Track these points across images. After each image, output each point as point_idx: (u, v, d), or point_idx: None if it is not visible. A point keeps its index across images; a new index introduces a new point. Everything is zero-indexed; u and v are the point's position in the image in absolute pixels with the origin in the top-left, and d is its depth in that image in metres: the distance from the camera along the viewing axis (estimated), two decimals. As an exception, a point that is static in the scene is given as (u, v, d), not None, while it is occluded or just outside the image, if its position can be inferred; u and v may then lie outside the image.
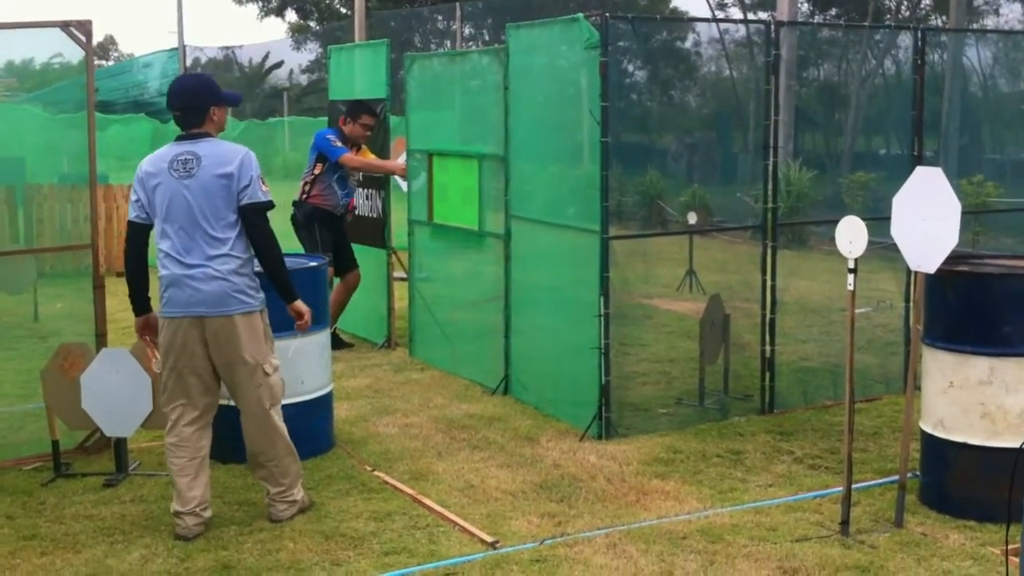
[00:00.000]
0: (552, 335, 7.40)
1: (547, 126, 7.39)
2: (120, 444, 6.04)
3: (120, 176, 14.68)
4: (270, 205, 5.22)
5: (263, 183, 5.19)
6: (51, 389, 6.07)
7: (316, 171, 8.93)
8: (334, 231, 9.05)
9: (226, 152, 5.15)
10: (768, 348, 7.30)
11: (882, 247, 7.00)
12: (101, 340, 6.50)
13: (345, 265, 9.13)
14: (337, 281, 9.07)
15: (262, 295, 5.32)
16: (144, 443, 6.54)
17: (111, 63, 52.01)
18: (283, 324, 6.20)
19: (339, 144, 8.87)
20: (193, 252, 5.12)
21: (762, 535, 5.19)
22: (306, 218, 8.92)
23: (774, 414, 7.21)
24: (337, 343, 8.77)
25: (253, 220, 5.16)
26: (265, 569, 4.84)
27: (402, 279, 9.52)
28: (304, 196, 8.97)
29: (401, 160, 9.10)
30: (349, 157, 8.88)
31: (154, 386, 5.91)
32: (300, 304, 5.46)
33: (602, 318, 6.65)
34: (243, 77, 36.05)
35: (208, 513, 5.26)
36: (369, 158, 9.14)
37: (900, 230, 5.27)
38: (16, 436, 6.68)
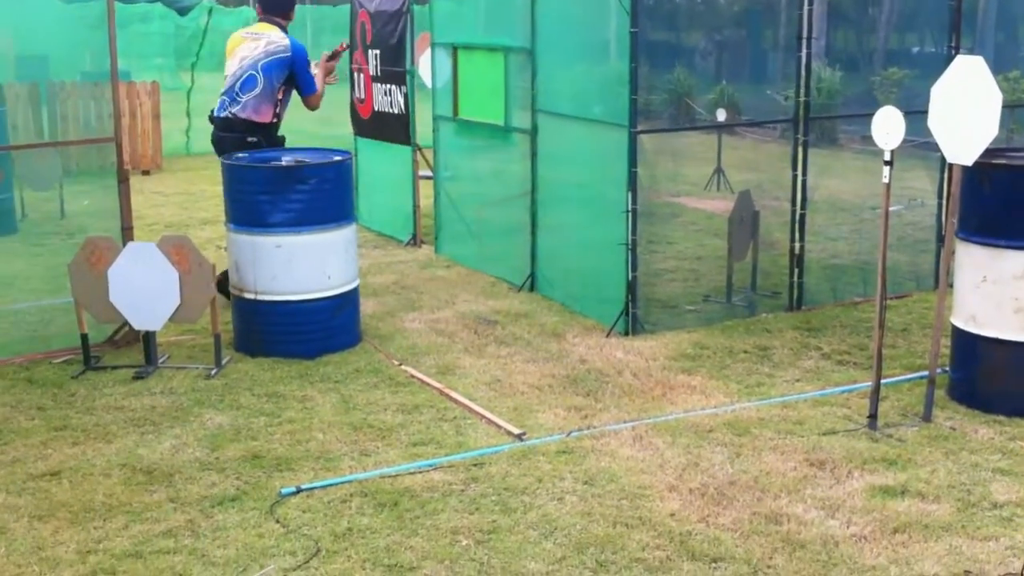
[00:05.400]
0: (579, 232, 7.34)
1: (575, 19, 7.23)
2: (149, 337, 6.08)
3: (141, 73, 14.57)
4: None
5: None
6: (79, 282, 6.08)
7: (280, 93, 7.07)
8: None
9: None
10: (798, 245, 7.23)
11: (914, 145, 6.86)
12: (127, 234, 6.50)
13: None
14: None
15: None
16: (172, 336, 6.57)
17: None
18: (288, 220, 6.19)
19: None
20: None
21: (789, 428, 5.19)
22: (280, 145, 7.11)
23: (802, 311, 7.17)
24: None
25: None
26: (295, 459, 4.89)
27: (427, 177, 9.44)
28: (274, 119, 7.08)
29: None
30: (320, 95, 7.26)
31: (182, 280, 5.93)
32: None
33: (629, 214, 6.58)
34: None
35: None
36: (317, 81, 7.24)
37: (938, 121, 5.14)
38: (46, 330, 6.73)
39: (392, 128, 9.34)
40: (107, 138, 6.64)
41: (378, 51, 9.33)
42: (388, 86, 9.31)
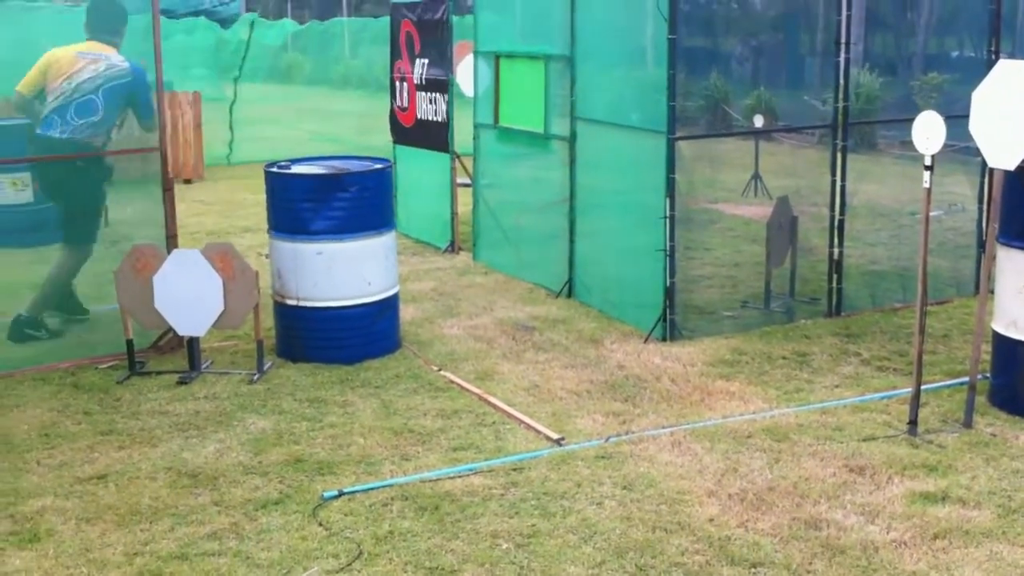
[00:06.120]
0: (617, 238, 7.37)
1: (614, 26, 7.26)
2: (193, 343, 6.17)
3: (183, 84, 14.74)
4: None
5: None
6: (124, 289, 6.18)
7: (120, 121, 6.89)
8: None
9: None
10: (836, 250, 7.21)
11: (954, 149, 6.82)
12: (171, 242, 6.60)
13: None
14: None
15: None
16: (216, 343, 6.66)
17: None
18: (330, 227, 6.27)
19: None
20: None
21: (828, 434, 5.18)
22: (108, 172, 6.95)
23: (841, 317, 7.15)
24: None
25: None
26: (337, 463, 4.95)
27: (465, 185, 9.49)
28: (103, 147, 6.84)
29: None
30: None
31: (226, 287, 6.01)
32: None
33: (668, 220, 6.60)
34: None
35: None
36: None
37: (979, 126, 5.13)
38: (91, 336, 6.84)
39: (435, 136, 9.39)
40: (152, 148, 6.75)
41: (426, 60, 9.40)
42: (433, 94, 9.38)
